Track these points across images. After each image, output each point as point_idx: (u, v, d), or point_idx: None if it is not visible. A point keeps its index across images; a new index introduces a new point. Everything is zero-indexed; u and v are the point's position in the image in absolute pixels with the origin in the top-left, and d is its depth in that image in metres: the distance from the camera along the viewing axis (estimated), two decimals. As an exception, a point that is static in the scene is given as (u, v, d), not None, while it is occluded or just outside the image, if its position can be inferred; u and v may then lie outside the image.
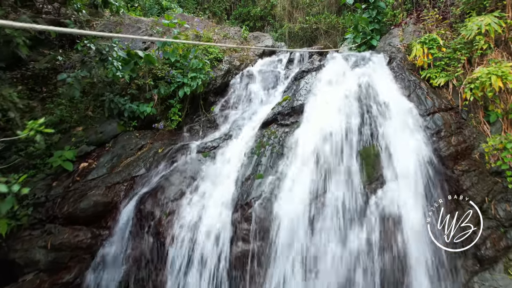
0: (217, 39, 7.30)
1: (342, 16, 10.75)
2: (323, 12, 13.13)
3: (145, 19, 8.36)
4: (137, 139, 5.41)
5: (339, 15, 12.28)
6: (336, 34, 12.38)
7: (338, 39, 12.34)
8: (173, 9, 13.10)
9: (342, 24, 11.10)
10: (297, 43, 15.03)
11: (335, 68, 6.18)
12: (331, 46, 12.49)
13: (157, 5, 12.72)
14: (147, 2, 12.59)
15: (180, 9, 13.71)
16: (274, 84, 6.55)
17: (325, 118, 5.14)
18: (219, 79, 6.63)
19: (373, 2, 7.96)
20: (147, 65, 5.34)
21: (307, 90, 5.75)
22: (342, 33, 11.99)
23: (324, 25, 11.65)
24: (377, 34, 8.12)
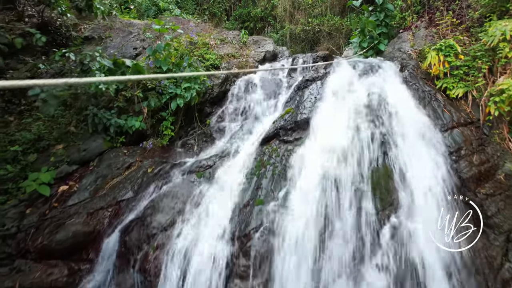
0: (214, 44, 6.72)
1: (347, 18, 10.15)
2: (325, 13, 12.56)
3: (138, 22, 7.79)
4: (125, 156, 4.85)
5: (342, 16, 11.70)
6: (339, 37, 11.81)
7: (342, 42, 11.78)
8: (171, 10, 12.53)
9: (346, 27, 10.51)
10: (298, 45, 14.46)
11: (342, 76, 5.60)
12: (334, 48, 11.92)
13: (154, 6, 12.13)
14: (144, 3, 11.99)
15: (178, 10, 13.13)
16: (275, 94, 5.97)
17: (332, 134, 4.58)
18: (216, 87, 6.06)
19: (381, 4, 7.37)
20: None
21: (312, 102, 5.18)
22: (346, 36, 11.42)
23: (327, 27, 11.05)
24: (385, 38, 7.54)
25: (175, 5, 13.37)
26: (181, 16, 12.90)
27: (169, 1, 12.81)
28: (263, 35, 17.31)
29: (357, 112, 4.80)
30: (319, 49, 12.65)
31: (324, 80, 5.63)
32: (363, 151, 4.38)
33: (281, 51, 7.46)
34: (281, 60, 7.10)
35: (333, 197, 4.06)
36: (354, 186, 4.18)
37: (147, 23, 7.49)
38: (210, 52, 6.36)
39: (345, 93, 5.23)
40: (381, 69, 5.72)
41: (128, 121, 4.86)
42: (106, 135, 4.84)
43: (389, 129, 4.61)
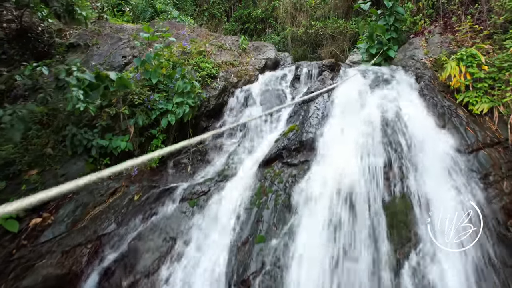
0: (211, 51, 6.11)
1: (352, 21, 9.52)
2: (328, 15, 11.93)
3: (131, 26, 7.17)
4: (109, 181, 4.26)
5: (346, 19, 11.07)
6: (343, 39, 11.17)
7: (346, 45, 11.14)
8: (168, 12, 11.90)
9: (350, 30, 9.88)
10: (300, 47, 13.82)
11: (351, 89, 4.99)
12: (338, 52, 11.30)
13: (151, 8, 11.50)
14: (140, 5, 11.36)
15: (176, 12, 12.51)
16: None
17: (342, 158, 3.98)
18: (212, 100, 5.46)
19: (390, 7, 6.75)
20: (121, 89, 4.16)
21: (318, 118, 4.58)
22: (350, 39, 10.79)
23: (330, 30, 10.42)
24: (395, 43, 6.92)
25: (173, 7, 12.73)
26: (179, 18, 12.29)
27: (167, 3, 12.18)
28: (263, 37, 16.72)
29: (370, 131, 4.20)
30: (322, 52, 12.03)
31: (331, 92, 5.02)
32: (378, 179, 3.78)
33: (283, 58, 6.84)
34: (283, 68, 6.49)
35: (345, 234, 3.46)
36: (368, 220, 3.59)
37: (139, 27, 6.87)
38: (207, 60, 5.74)
39: (355, 108, 4.62)
40: (394, 80, 5.11)
41: (113, 141, 4.27)
42: (89, 157, 4.24)
43: (406, 152, 4.01)
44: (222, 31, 17.70)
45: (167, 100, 4.65)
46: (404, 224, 3.62)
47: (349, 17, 11.18)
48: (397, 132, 4.21)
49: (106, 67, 5.32)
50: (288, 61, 6.86)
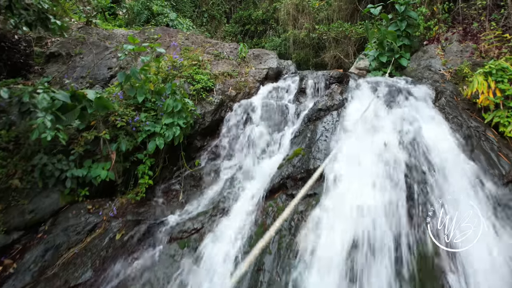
0: (207, 59, 5.47)
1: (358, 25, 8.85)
2: (331, 17, 11.26)
3: (122, 31, 6.53)
4: (88, 215, 3.65)
5: (351, 21, 10.41)
6: (348, 43, 10.52)
7: (351, 49, 10.49)
8: (165, 14, 11.25)
9: (356, 34, 9.22)
10: (302, 50, 13.19)
11: (364, 106, 4.35)
12: (342, 56, 10.64)
13: (147, 10, 10.84)
14: (135, 7, 10.70)
15: (174, 14, 11.85)
16: (281, 124, 4.74)
17: (356, 192, 3.36)
18: (208, 116, 4.83)
19: (402, 12, 6.09)
20: (101, 111, 3.53)
21: (327, 141, 3.95)
22: (355, 43, 10.13)
23: (335, 34, 9.76)
24: (407, 51, 6.27)
25: (171, 9, 12.07)
26: (176, 21, 11.64)
27: (164, 5, 11.51)
28: (264, 39, 16.05)
29: (387, 159, 3.57)
30: (325, 56, 11.38)
31: (341, 110, 4.39)
32: (399, 220, 3.16)
33: (285, 66, 6.20)
34: (286, 78, 5.85)
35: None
36: (388, 270, 2.97)
37: (131, 33, 6.22)
38: (202, 72, 5.11)
39: (370, 130, 3.99)
40: (412, 96, 4.47)
41: (92, 170, 3.65)
42: (65, 188, 3.62)
43: (430, 184, 3.38)
44: (222, 33, 17.06)
45: (156, 121, 4.02)
46: (431, 274, 3.01)
47: (354, 19, 10.52)
48: (419, 159, 3.59)
49: (89, 80, 4.69)
50: (291, 70, 6.22)
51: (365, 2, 9.79)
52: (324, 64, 11.98)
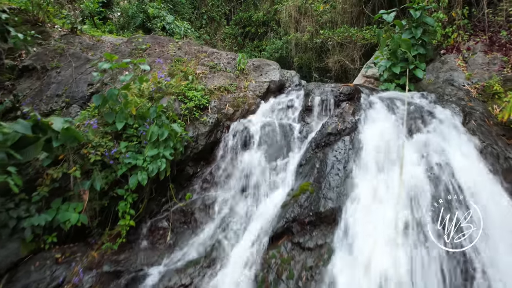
0: (202, 72, 4.81)
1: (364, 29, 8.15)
2: (335, 20, 10.57)
3: (111, 38, 5.87)
4: (55, 266, 3.01)
5: (357, 25, 9.71)
6: (353, 48, 9.84)
7: (356, 54, 9.81)
8: (162, 17, 10.57)
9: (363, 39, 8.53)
10: (305, 53, 12.51)
11: (380, 130, 3.70)
12: (347, 62, 9.97)
13: (142, 13, 10.16)
14: (130, 10, 10.03)
15: (171, 17, 11.17)
16: (285, 149, 4.09)
17: (379, 243, 2.71)
18: (201, 139, 4.18)
19: (418, 17, 5.41)
20: (70, 143, 2.89)
21: (340, 176, 3.29)
22: (361, 48, 9.45)
23: (340, 39, 9.07)
24: (422, 61, 5.58)
25: (167, 11, 11.38)
26: (173, 24, 10.96)
27: (160, 7, 10.82)
28: (265, 41, 15.36)
29: (415, 201, 2.92)
30: (329, 61, 10.70)
31: (354, 135, 3.72)
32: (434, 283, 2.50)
33: (288, 78, 5.53)
34: (289, 92, 5.19)
35: None
36: None
37: (121, 41, 5.56)
38: (195, 87, 4.45)
39: (389, 161, 3.33)
40: (435, 118, 3.81)
41: (61, 212, 3.00)
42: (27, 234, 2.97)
43: (470, 235, 2.72)
44: (221, 35, 16.37)
45: (139, 150, 3.37)
46: None
47: (359, 23, 9.81)
48: (452, 202, 2.93)
49: (65, 99, 4.04)
50: (294, 81, 5.55)
51: (371, 4, 9.10)
52: (327, 69, 11.30)
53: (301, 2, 11.52)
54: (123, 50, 4.92)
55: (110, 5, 7.89)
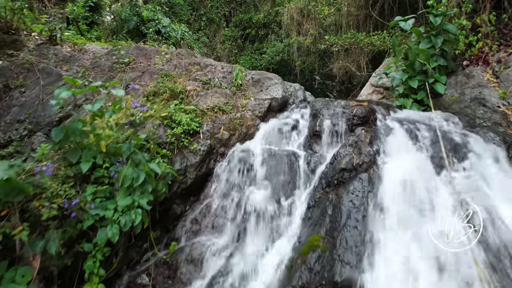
0: (193, 89, 4.10)
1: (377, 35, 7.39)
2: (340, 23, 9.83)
3: (96, 47, 5.15)
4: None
5: (363, 29, 8.96)
6: (359, 53, 9.10)
7: (363, 60, 9.07)
8: (158, 20, 9.84)
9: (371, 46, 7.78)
10: (307, 57, 11.78)
11: (404, 166, 2.99)
12: (353, 69, 9.23)
13: (136, 16, 9.43)
14: (123, 14, 9.29)
15: (167, 19, 10.43)
16: (289, 185, 3.38)
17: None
18: (191, 171, 3.48)
19: (438, 25, 4.69)
20: (13, 197, 2.19)
21: (359, 229, 2.60)
22: (369, 54, 8.71)
23: (347, 44, 8.33)
24: (442, 73, 4.87)
25: (163, 14, 10.63)
26: (170, 27, 10.23)
27: (156, 10, 10.08)
28: (265, 43, 14.61)
29: (459, 274, 2.21)
30: (334, 67, 9.96)
31: (373, 171, 3.02)
32: None
33: (292, 93, 4.81)
34: (293, 109, 4.48)
35: None
36: None
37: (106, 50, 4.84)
38: (185, 108, 3.75)
39: (420, 211, 2.63)
40: (471, 152, 3.09)
41: (5, 282, 2.31)
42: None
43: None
44: (221, 37, 15.64)
45: (110, 196, 2.67)
46: None
47: (366, 26, 9.05)
48: (505, 268, 2.23)
49: (28, 125, 3.33)
50: (299, 97, 4.84)
51: (380, 8, 8.35)
52: (332, 75, 10.58)
53: (303, 4, 10.77)
54: (102, 64, 4.21)
55: (98, 9, 7.16)
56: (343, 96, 11.88)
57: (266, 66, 13.25)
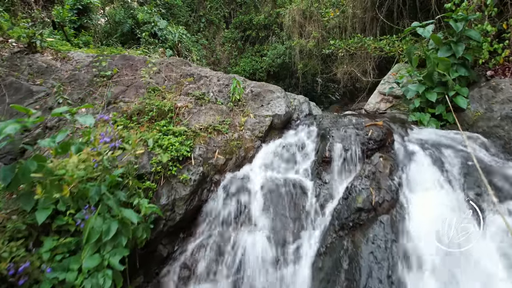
0: (184, 106, 3.54)
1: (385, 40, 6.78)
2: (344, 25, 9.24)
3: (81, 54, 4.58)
4: None
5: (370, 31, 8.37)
6: (366, 57, 8.51)
7: (369, 64, 8.48)
8: (153, 23, 9.25)
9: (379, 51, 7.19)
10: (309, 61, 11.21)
11: (433, 206, 2.42)
12: (359, 74, 8.65)
13: (131, 19, 8.84)
14: (117, 16, 8.71)
15: (164, 22, 9.84)
16: (294, 224, 2.82)
17: None
18: (180, 205, 2.93)
19: (460, 31, 4.11)
20: None
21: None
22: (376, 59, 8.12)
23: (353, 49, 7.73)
24: (463, 85, 4.30)
25: (160, 16, 10.04)
26: (166, 30, 9.65)
27: (152, 11, 9.49)
28: (266, 45, 14.02)
29: None
30: (338, 71, 9.37)
31: (396, 212, 2.45)
32: None
33: (296, 107, 4.25)
34: (298, 127, 3.91)
35: None
36: None
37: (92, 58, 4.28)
38: (174, 129, 3.18)
39: (465, 272, 2.07)
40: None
41: None
42: None
43: None
44: (220, 39, 15.05)
45: (76, 249, 2.11)
46: None
47: (372, 29, 8.46)
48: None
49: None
50: (303, 111, 4.27)
51: (387, 10, 7.76)
52: (336, 80, 10.01)
53: (305, 5, 10.16)
54: (81, 77, 3.64)
55: (87, 12, 6.57)
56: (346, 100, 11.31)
57: (266, 69, 12.70)
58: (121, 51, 5.08)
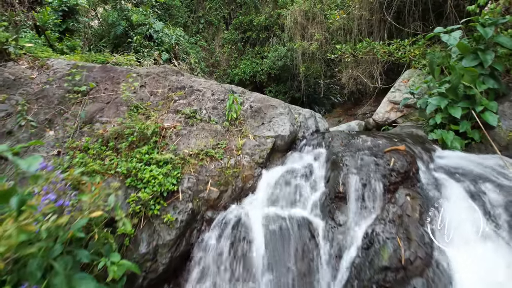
0: (172, 126, 2.97)
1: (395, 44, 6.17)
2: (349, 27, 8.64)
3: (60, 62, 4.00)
4: None
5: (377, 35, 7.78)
6: (373, 62, 7.91)
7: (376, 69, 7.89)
8: (148, 25, 8.66)
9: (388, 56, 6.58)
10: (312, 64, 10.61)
11: (481, 267, 1.85)
12: (365, 79, 8.05)
13: (124, 21, 8.25)
14: (110, 18, 8.12)
15: (160, 24, 9.24)
16: (302, 282, 2.24)
17: None
18: (164, 253, 2.36)
19: (490, 37, 3.52)
20: None
21: None
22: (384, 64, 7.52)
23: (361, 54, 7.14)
24: (491, 99, 3.72)
25: (157, 18, 9.44)
26: (162, 32, 9.05)
27: (147, 13, 8.89)
28: (267, 47, 13.41)
29: None
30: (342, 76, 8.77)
31: (433, 275, 1.88)
32: None
33: (302, 124, 3.66)
34: (304, 149, 3.34)
35: None
36: None
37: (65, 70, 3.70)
38: (157, 157, 2.61)
39: None
40: None
41: None
42: None
43: None
44: (220, 40, 14.46)
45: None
46: None
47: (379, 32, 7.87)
48: None
49: None
50: (310, 128, 3.69)
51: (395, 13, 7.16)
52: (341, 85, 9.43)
53: (308, 6, 9.55)
54: (51, 93, 3.06)
55: (73, 14, 5.98)
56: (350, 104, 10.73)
57: (267, 71, 12.12)
58: (108, 58, 4.49)
